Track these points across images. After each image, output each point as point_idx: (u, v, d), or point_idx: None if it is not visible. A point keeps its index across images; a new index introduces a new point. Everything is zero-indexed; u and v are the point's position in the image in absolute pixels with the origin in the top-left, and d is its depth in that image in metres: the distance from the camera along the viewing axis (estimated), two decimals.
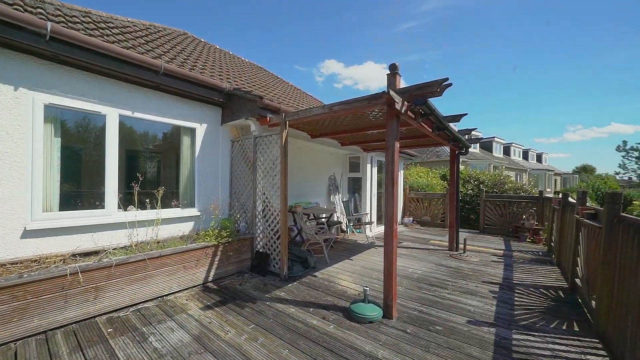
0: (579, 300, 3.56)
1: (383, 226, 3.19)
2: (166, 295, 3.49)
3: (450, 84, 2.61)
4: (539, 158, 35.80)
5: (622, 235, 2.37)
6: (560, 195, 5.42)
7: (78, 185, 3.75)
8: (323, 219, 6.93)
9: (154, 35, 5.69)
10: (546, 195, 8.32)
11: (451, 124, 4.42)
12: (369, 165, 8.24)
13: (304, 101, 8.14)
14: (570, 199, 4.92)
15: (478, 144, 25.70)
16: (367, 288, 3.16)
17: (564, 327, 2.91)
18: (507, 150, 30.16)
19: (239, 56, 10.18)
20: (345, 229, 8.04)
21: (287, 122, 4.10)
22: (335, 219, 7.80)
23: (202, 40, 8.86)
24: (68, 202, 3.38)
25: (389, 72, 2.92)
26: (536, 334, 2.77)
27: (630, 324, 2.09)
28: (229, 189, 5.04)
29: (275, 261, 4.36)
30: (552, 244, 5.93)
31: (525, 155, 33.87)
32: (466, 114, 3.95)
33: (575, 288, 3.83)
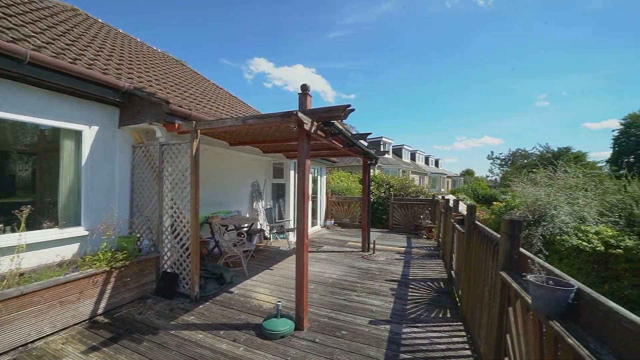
0: (453, 290, 4.41)
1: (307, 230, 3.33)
2: (34, 341, 2.82)
3: (353, 110, 2.90)
4: (436, 163, 42.69)
5: (476, 239, 3.05)
6: (442, 199, 6.58)
7: None
8: (245, 228, 6.72)
9: (23, 7, 4.54)
10: (437, 198, 10.01)
11: (361, 140, 4.89)
12: (292, 172, 8.39)
13: (227, 103, 7.73)
14: (450, 204, 6.02)
15: (390, 150, 29.02)
16: (280, 302, 3.23)
17: (441, 315, 3.57)
18: (413, 156, 34.93)
19: (150, 45, 8.98)
20: (268, 236, 7.98)
21: (199, 130, 3.83)
22: (259, 227, 7.67)
23: (99, 20, 7.49)
24: None
25: (300, 92, 3.06)
26: (420, 325, 3.31)
27: (477, 310, 2.71)
28: (129, 202, 4.40)
29: (185, 281, 4.02)
30: (440, 240, 7.18)
31: (427, 160, 39.87)
32: (370, 133, 4.47)
33: (451, 279, 4.73)
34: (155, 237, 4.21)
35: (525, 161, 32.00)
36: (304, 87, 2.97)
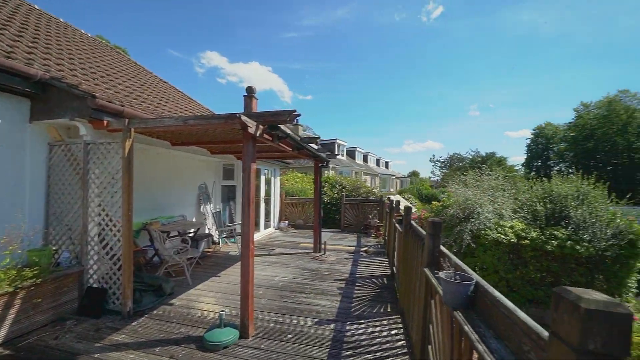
0: (394, 286, 4.75)
1: (259, 232, 3.22)
2: None
3: (299, 115, 2.95)
4: (386, 165, 45.38)
5: (411, 238, 3.34)
6: (388, 200, 7.04)
7: None
8: (190, 234, 6.31)
9: None
10: (385, 198, 10.67)
11: (311, 144, 4.98)
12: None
13: (171, 100, 7.15)
14: (393, 204, 6.46)
15: (344, 152, 29.99)
16: (224, 311, 3.11)
17: (382, 310, 3.82)
18: (366, 158, 36.60)
19: (77, 28, 7.88)
20: (217, 241, 7.61)
21: (132, 129, 3.50)
22: (206, 232, 7.27)
23: None
24: None
25: (246, 95, 3.00)
26: (363, 321, 3.50)
27: (411, 304, 2.97)
28: (43, 210, 3.81)
29: (115, 296, 3.62)
30: (385, 238, 7.66)
31: (378, 162, 42.12)
32: (319, 137, 4.59)
33: (393, 275, 5.08)
34: (78, 249, 3.72)
35: (460, 164, 35.94)
36: (250, 90, 2.92)
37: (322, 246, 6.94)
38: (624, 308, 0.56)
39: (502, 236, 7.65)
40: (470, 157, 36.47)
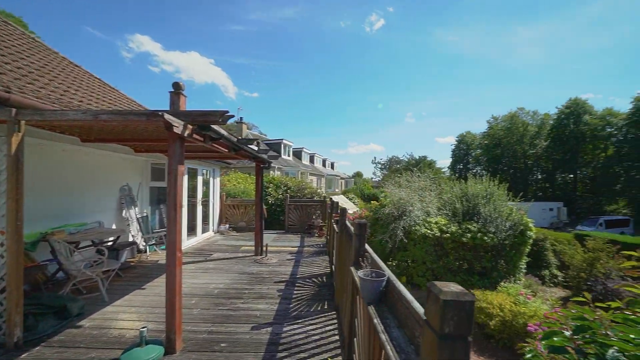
0: (333, 283, 4.92)
1: (195, 237, 2.93)
2: None
3: (232, 116, 2.83)
4: (332, 166, 46.81)
5: (345, 237, 3.50)
6: (329, 200, 7.27)
7: None
8: (109, 243, 5.54)
9: None
10: (328, 198, 10.99)
11: (251, 145, 4.83)
12: None
13: (83, 87, 6.11)
14: (333, 205, 6.69)
15: (291, 153, 29.96)
16: (145, 328, 2.81)
17: (319, 308, 3.92)
18: (312, 159, 37.13)
19: None
20: (144, 249, 6.83)
21: (23, 121, 2.91)
22: (130, 239, 6.47)
23: None
24: None
25: (172, 91, 2.76)
26: (300, 321, 3.54)
27: (344, 299, 3.11)
28: None
29: None
30: (327, 237, 7.89)
31: (324, 163, 43.15)
32: (257, 140, 4.49)
33: (332, 273, 5.26)
34: None
35: (398, 166, 39.18)
36: (177, 86, 2.70)
37: (264, 248, 6.81)
38: (470, 296, 0.67)
39: (429, 231, 8.57)
40: (406, 160, 40.02)
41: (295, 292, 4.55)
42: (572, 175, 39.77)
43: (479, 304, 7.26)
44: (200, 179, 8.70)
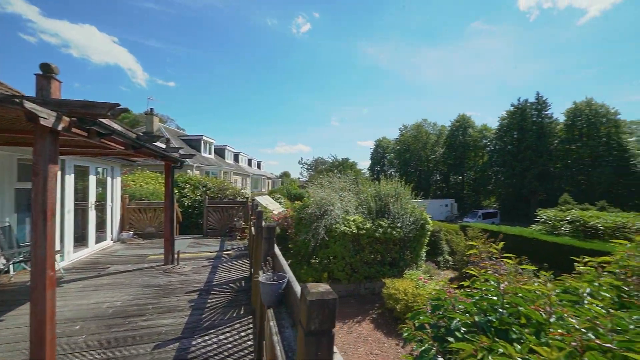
0: (251, 287, 4.82)
1: (87, 248, 2.36)
2: None
3: (125, 110, 2.46)
4: (259, 165, 45.71)
5: (261, 241, 3.47)
6: (251, 201, 7.10)
7: None
8: None
9: None
10: (252, 200, 10.69)
11: (157, 143, 4.29)
12: (59, 173, 6.07)
13: None
14: (253, 206, 6.56)
15: (212, 150, 27.96)
16: None
17: (235, 315, 3.78)
18: (237, 158, 35.46)
19: None
20: (5, 269, 5.32)
21: None
22: None
23: None
24: None
25: (41, 74, 2.22)
26: (212, 331, 3.35)
27: (258, 302, 3.09)
28: None
29: None
30: (249, 240, 7.68)
31: (250, 162, 41.74)
32: (163, 136, 4.04)
33: (252, 276, 5.15)
34: None
35: (324, 167, 40.93)
36: (47, 68, 2.19)
37: (176, 256, 6.16)
38: (333, 294, 0.77)
39: (348, 228, 9.25)
40: (331, 161, 42.15)
41: (210, 300, 4.27)
42: (460, 177, 48.93)
43: (388, 290, 8.22)
44: (93, 179, 7.30)
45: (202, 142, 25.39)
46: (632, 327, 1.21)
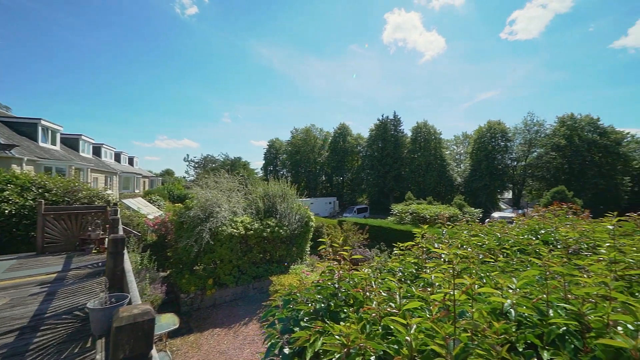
0: None
1: None
2: None
3: None
4: (131, 161, 38.00)
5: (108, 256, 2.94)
6: (110, 206, 5.89)
7: None
8: None
9: None
10: (118, 204, 8.82)
11: None
12: None
13: None
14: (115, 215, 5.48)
15: (58, 141, 21.38)
16: None
17: (77, 350, 3.05)
18: (97, 151, 28.38)
19: None
20: None
21: None
22: None
23: None
24: None
25: None
26: None
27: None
28: None
29: None
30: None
31: (118, 157, 34.19)
32: None
33: None
34: None
35: (214, 165, 38.00)
36: None
37: None
38: (149, 315, 0.76)
39: (235, 230, 8.96)
40: (222, 159, 39.65)
41: (37, 339, 3.28)
42: (341, 178, 55.69)
43: (274, 287, 8.47)
44: None
45: (40, 127, 19.02)
46: (415, 294, 1.72)
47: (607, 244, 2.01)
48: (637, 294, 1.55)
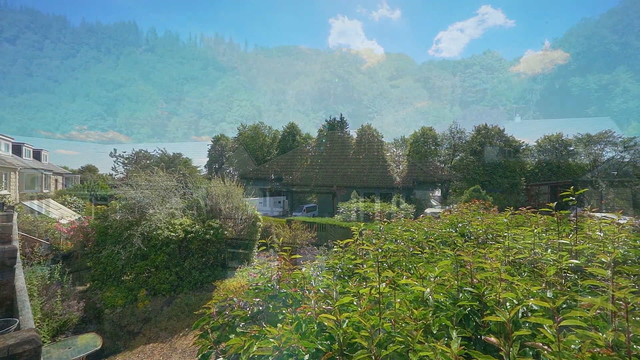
0: None
1: None
2: None
3: None
4: (37, 155, 31.82)
5: None
6: (2, 212, 4.88)
7: None
8: None
9: None
10: (9, 206, 7.30)
11: None
12: None
13: None
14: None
15: None
16: None
17: None
18: None
19: None
20: None
21: None
22: None
23: None
24: None
25: None
26: None
27: None
28: None
29: None
30: None
31: (19, 150, 28.32)
32: None
33: None
34: None
35: (148, 162, 34.14)
36: None
37: None
38: (34, 342, 0.65)
39: (173, 234, 8.23)
40: (158, 155, 35.95)
41: None
42: (291, 177, 55.67)
43: (219, 292, 8.04)
44: None
45: None
46: (350, 290, 1.81)
47: (505, 234, 2.43)
48: (523, 273, 1.89)
